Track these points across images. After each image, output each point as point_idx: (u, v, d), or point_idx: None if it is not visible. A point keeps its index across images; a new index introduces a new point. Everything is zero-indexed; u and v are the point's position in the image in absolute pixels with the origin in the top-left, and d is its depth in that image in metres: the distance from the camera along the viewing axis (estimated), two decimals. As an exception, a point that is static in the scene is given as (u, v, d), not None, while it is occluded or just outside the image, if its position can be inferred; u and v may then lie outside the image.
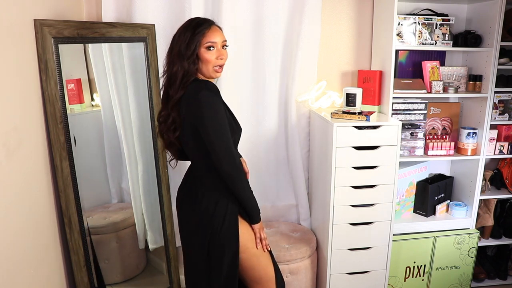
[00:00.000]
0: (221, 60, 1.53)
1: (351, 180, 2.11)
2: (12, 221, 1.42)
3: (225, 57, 1.54)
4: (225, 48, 1.55)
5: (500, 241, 2.61)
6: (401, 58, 2.46)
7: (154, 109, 2.12)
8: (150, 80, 2.10)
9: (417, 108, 2.40)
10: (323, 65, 2.45)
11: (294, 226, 2.50)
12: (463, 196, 2.59)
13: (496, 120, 2.44)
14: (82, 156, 1.80)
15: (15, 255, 1.44)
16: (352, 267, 2.23)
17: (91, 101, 2.06)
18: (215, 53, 1.51)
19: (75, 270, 1.78)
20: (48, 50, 1.59)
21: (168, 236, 2.26)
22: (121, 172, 2.23)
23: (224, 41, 1.54)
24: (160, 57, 2.19)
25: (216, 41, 1.51)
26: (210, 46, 1.50)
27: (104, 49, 2.03)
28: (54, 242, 1.72)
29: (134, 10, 2.13)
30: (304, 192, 2.48)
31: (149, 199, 2.25)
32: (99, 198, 2.17)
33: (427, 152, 2.42)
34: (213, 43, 1.50)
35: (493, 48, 2.27)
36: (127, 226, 2.21)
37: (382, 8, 2.31)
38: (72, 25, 1.70)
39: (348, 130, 2.06)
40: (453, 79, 2.49)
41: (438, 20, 2.32)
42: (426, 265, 2.45)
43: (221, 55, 1.52)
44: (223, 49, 1.54)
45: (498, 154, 2.50)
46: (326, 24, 2.40)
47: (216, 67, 1.53)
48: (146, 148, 2.20)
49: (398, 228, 2.38)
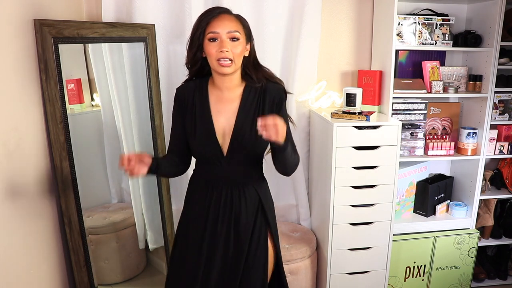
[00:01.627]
0: (221, 53, 1.31)
1: (351, 180, 2.11)
2: (12, 221, 1.42)
3: (230, 49, 1.32)
4: (234, 40, 1.34)
5: (500, 241, 2.61)
6: (401, 58, 2.46)
7: (154, 109, 2.12)
8: (150, 80, 2.10)
9: (417, 108, 2.40)
10: (323, 65, 2.44)
11: (294, 226, 2.50)
12: (463, 196, 2.59)
13: (496, 120, 2.44)
14: (82, 156, 1.80)
15: (15, 255, 1.44)
16: (352, 267, 2.23)
17: (91, 101, 2.06)
18: (216, 45, 1.33)
19: (75, 270, 1.78)
20: (48, 50, 1.59)
21: (168, 236, 2.26)
22: (121, 172, 2.23)
23: (230, 31, 1.33)
24: (160, 57, 2.19)
25: (218, 31, 1.32)
26: (212, 38, 1.33)
27: (104, 49, 2.03)
28: (54, 242, 1.72)
29: (134, 10, 2.13)
30: (304, 192, 2.48)
31: (149, 199, 2.25)
32: (99, 198, 2.17)
33: (427, 152, 2.42)
34: (215, 34, 1.32)
35: (493, 48, 2.27)
36: (127, 226, 2.21)
37: (382, 8, 2.31)
38: (72, 25, 1.70)
39: (348, 130, 2.05)
40: (453, 79, 2.49)
41: (438, 20, 2.32)
42: (426, 265, 2.45)
43: (222, 47, 1.31)
44: (231, 41, 1.33)
45: (498, 154, 2.50)
46: (326, 24, 2.40)
47: (220, 60, 1.33)
48: (146, 148, 2.19)
49: (398, 228, 2.38)
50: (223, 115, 1.42)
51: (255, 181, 1.48)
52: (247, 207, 1.45)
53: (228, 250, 1.43)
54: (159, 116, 2.16)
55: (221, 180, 1.44)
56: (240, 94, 1.43)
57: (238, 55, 1.35)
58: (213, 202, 1.44)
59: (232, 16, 1.38)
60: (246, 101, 1.42)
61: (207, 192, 1.46)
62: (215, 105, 1.43)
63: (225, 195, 1.44)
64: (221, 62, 1.33)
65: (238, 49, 1.34)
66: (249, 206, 1.45)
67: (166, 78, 2.27)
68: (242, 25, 1.38)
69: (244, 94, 1.42)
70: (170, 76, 2.29)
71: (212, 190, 1.45)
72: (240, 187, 1.44)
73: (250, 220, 1.45)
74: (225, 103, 1.43)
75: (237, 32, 1.34)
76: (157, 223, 2.28)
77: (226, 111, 1.42)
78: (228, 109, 1.42)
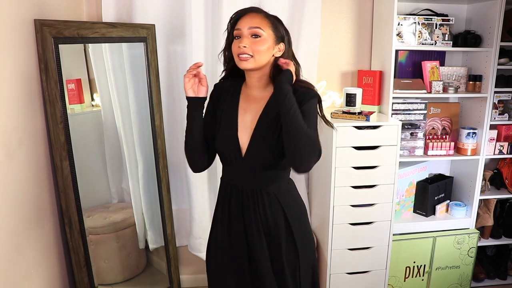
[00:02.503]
0: (239, 48, 1.30)
1: (351, 180, 2.11)
2: (12, 221, 1.42)
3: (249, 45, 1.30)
4: (256, 36, 1.31)
5: (500, 241, 2.61)
6: (401, 58, 2.46)
7: (154, 109, 2.12)
8: (150, 80, 2.10)
9: (417, 108, 2.40)
10: (323, 65, 2.45)
11: (294, 226, 2.50)
12: (463, 196, 2.59)
13: (496, 120, 2.44)
14: (82, 156, 1.80)
15: (15, 255, 1.44)
16: (352, 267, 2.23)
17: (91, 101, 2.07)
18: (238, 41, 1.32)
19: (75, 270, 1.78)
20: (48, 50, 1.59)
21: (168, 236, 2.26)
22: (121, 172, 2.23)
23: (251, 27, 1.31)
24: (160, 57, 2.19)
25: (240, 28, 1.32)
26: (236, 35, 1.34)
27: (104, 49, 2.03)
28: (54, 242, 1.73)
29: (134, 10, 2.13)
30: (304, 192, 2.48)
31: (149, 199, 2.25)
32: (99, 198, 2.17)
33: (427, 152, 2.42)
34: (238, 31, 1.33)
35: (493, 48, 2.28)
36: (127, 226, 2.21)
37: (382, 8, 2.31)
38: (72, 25, 1.70)
39: (348, 130, 2.06)
40: (453, 79, 2.49)
41: (438, 20, 2.33)
42: (426, 265, 2.45)
43: (241, 42, 1.31)
44: (252, 37, 1.31)
45: (498, 154, 2.50)
46: (326, 24, 2.40)
47: (239, 55, 1.32)
48: (146, 148, 2.20)
49: (398, 228, 2.38)
50: (249, 114, 1.40)
51: (275, 187, 1.41)
52: (266, 215, 1.39)
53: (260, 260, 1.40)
54: (159, 116, 2.16)
55: (239, 183, 1.40)
56: (269, 94, 1.39)
57: (259, 51, 1.31)
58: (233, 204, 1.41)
59: (258, 13, 1.36)
60: (273, 102, 1.36)
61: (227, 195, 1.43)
62: (243, 104, 1.42)
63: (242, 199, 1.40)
64: (241, 57, 1.31)
65: (259, 46, 1.31)
66: (268, 216, 1.39)
67: (166, 78, 2.27)
68: (271, 23, 1.35)
69: (272, 95, 1.37)
70: (170, 76, 2.29)
71: (230, 195, 1.42)
72: (258, 191, 1.38)
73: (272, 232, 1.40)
74: (252, 102, 1.41)
75: (258, 29, 1.31)
76: (157, 223, 2.28)
77: (252, 110, 1.39)
78: (254, 108, 1.39)
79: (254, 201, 1.38)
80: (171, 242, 2.29)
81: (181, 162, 2.36)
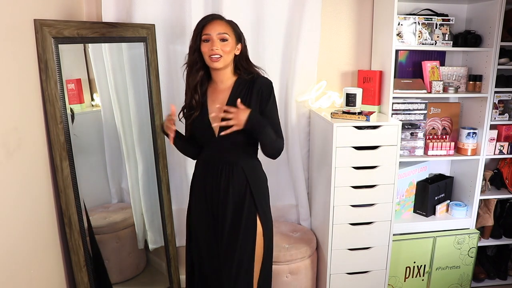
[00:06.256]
0: (211, 50, 1.58)
1: (351, 180, 2.11)
2: (12, 221, 1.42)
3: (220, 48, 1.58)
4: (223, 40, 1.59)
5: (500, 241, 2.61)
6: (401, 58, 2.46)
7: (154, 109, 2.12)
8: (150, 80, 2.10)
9: (417, 108, 2.40)
10: (323, 65, 2.44)
11: (294, 226, 2.50)
12: (463, 196, 2.59)
13: (496, 120, 2.44)
14: (82, 156, 1.80)
15: (15, 255, 1.44)
16: (352, 267, 2.23)
17: (91, 101, 2.06)
18: (208, 45, 1.59)
19: (75, 270, 1.78)
20: (48, 50, 1.59)
21: (168, 236, 2.26)
22: (121, 172, 2.23)
23: (219, 33, 1.59)
24: (160, 57, 2.19)
25: (210, 34, 1.58)
26: (205, 39, 1.60)
27: (104, 49, 2.03)
28: (54, 242, 1.72)
29: (134, 10, 2.13)
30: (304, 192, 2.48)
31: (149, 199, 2.25)
32: (99, 198, 2.16)
33: (427, 152, 2.42)
34: (208, 36, 1.59)
35: (493, 48, 2.28)
36: (127, 226, 2.21)
37: (382, 8, 2.31)
38: (72, 25, 1.70)
39: (348, 130, 2.06)
40: (453, 79, 2.49)
41: (438, 20, 2.32)
42: (426, 265, 2.45)
43: (212, 46, 1.58)
44: (221, 41, 1.59)
45: (498, 154, 2.50)
46: (326, 24, 2.40)
47: (211, 56, 1.59)
48: (146, 148, 2.19)
49: (398, 228, 2.38)
50: (217, 103, 1.67)
51: (244, 162, 1.68)
52: (234, 187, 1.65)
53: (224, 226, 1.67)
54: (159, 116, 2.16)
55: (214, 159, 1.69)
56: (231, 85, 1.69)
57: (226, 52, 1.60)
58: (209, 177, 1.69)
59: (223, 21, 1.63)
60: (236, 90, 1.67)
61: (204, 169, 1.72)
62: (211, 95, 1.71)
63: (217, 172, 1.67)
64: (212, 58, 1.59)
65: (226, 48, 1.60)
66: (235, 186, 1.66)
67: (166, 78, 2.27)
68: (232, 28, 1.64)
69: (235, 85, 1.68)
70: (170, 76, 2.29)
71: (207, 168, 1.71)
72: (229, 166, 1.66)
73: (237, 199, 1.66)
74: (218, 93, 1.69)
75: (225, 34, 1.60)
76: (157, 223, 2.28)
77: (219, 100, 1.68)
78: (221, 98, 1.68)
79: (227, 173, 1.66)
80: (171, 242, 2.29)
81: (181, 162, 2.36)
